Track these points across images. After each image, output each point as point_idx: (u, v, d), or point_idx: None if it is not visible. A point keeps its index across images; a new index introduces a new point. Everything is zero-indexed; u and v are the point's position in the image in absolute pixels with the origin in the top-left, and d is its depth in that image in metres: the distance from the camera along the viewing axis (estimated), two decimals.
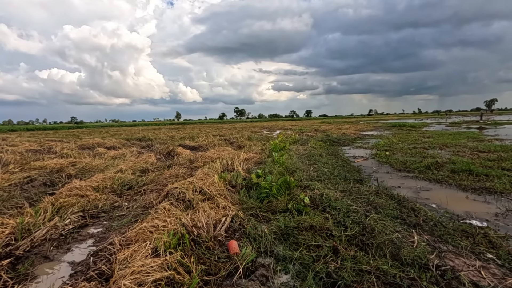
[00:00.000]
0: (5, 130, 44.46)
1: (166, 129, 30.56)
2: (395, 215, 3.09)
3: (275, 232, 2.71)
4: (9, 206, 3.75)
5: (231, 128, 26.73)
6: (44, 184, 4.96)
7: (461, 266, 2.07)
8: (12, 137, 19.39)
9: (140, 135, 17.15)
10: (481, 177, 4.72)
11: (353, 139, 13.07)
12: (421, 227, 2.81)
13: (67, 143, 12.33)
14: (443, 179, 4.76)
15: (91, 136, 17.45)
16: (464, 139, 10.67)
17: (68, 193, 4.04)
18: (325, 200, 3.43)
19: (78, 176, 5.55)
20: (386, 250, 2.27)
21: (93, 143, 11.59)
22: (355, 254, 2.24)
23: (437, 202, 3.70)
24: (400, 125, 23.44)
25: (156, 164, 6.99)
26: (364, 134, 16.17)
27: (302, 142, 11.22)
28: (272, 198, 3.64)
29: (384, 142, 10.43)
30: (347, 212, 3.06)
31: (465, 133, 13.78)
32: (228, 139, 12.76)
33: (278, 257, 2.32)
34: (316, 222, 2.78)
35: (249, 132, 18.57)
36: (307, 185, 4.14)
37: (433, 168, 5.53)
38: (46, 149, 10.19)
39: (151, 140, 13.46)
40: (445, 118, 48.35)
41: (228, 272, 2.12)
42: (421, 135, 13.48)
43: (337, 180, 4.73)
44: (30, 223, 2.93)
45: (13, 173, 5.45)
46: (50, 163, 6.35)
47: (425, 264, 2.08)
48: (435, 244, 2.43)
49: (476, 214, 3.23)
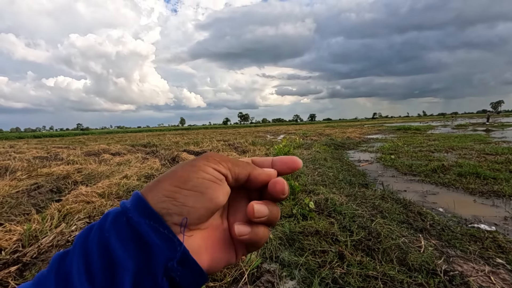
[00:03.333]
0: (13, 137, 45.19)
1: (170, 134, 30.76)
2: (402, 219, 3.06)
3: (280, 238, 2.70)
4: (16, 212, 3.79)
5: (235, 133, 26.79)
6: (51, 191, 5.02)
7: (469, 272, 2.04)
8: (19, 144, 19.69)
9: (145, 141, 17.28)
10: (488, 180, 4.65)
11: (357, 142, 13.01)
12: (428, 231, 2.77)
13: (73, 149, 12.48)
14: (450, 183, 4.71)
15: (97, 143, 17.64)
16: (471, 141, 10.55)
17: (75, 200, 4.08)
18: (330, 204, 3.41)
19: (84, 182, 5.60)
20: (392, 255, 2.24)
21: (98, 150, 11.71)
22: (361, 259, 2.22)
23: (444, 206, 3.66)
24: (405, 128, 23.28)
25: (161, 170, 7.03)
26: (369, 137, 16.08)
27: (306, 146, 11.20)
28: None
29: (389, 146, 10.36)
30: (352, 216, 3.04)
31: (471, 135, 13.61)
32: (232, 144, 12.79)
33: (283, 263, 2.31)
34: (321, 227, 2.77)
35: (253, 137, 18.60)
36: (312, 190, 4.12)
37: (439, 172, 5.47)
38: (52, 156, 10.33)
39: (156, 146, 13.55)
40: (451, 120, 47.89)
41: (234, 278, 2.12)
42: (426, 138, 13.36)
43: (342, 184, 4.71)
44: (37, 230, 2.96)
45: (21, 180, 5.53)
46: (56, 170, 6.42)
47: (432, 269, 2.05)
48: (442, 249, 2.40)
49: (484, 218, 3.18)
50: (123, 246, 0.23)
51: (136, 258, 0.23)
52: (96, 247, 0.23)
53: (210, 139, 16.41)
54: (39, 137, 46.17)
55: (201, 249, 0.27)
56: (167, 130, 64.94)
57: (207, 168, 0.28)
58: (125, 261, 0.22)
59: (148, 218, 0.24)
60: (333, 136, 16.77)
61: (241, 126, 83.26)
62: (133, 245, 0.23)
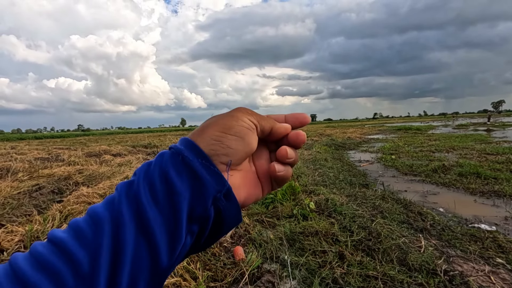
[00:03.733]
0: (14, 138, 45.31)
1: (171, 135, 30.79)
2: (402, 219, 3.06)
3: (281, 238, 2.71)
4: (18, 213, 3.81)
5: None
6: (52, 192, 5.04)
7: (469, 271, 2.04)
8: (21, 145, 19.73)
9: (145, 142, 17.30)
10: (489, 180, 4.65)
11: (358, 143, 13.01)
12: (428, 231, 2.77)
13: (74, 150, 12.51)
14: (451, 183, 4.71)
15: (98, 144, 17.67)
16: (472, 141, 10.54)
17: (76, 201, 4.09)
18: (330, 205, 3.41)
19: (85, 183, 5.62)
20: (393, 255, 2.25)
21: (99, 151, 11.73)
22: (362, 259, 2.22)
23: (444, 206, 3.66)
24: (406, 128, 23.25)
25: None
26: (369, 138, 16.08)
27: (307, 147, 11.21)
28: (277, 203, 3.64)
29: (390, 146, 10.35)
30: (353, 217, 3.04)
31: (472, 135, 13.60)
32: None
33: (283, 263, 2.32)
34: (321, 227, 2.77)
35: None
36: (312, 190, 4.13)
37: (440, 172, 5.46)
38: (54, 157, 10.35)
39: (156, 147, 13.57)
40: (452, 120, 47.79)
41: (234, 279, 2.12)
42: (427, 138, 13.35)
43: (343, 184, 4.71)
44: (39, 231, 2.97)
45: (22, 181, 5.55)
46: (58, 171, 6.44)
47: (433, 269, 2.06)
48: (443, 249, 2.40)
49: (484, 218, 3.18)
50: (181, 178, 0.28)
51: (192, 188, 0.28)
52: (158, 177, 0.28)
53: None
54: (40, 138, 46.29)
55: (239, 186, 0.33)
56: (168, 131, 65.03)
57: (244, 117, 0.33)
58: (182, 190, 0.28)
59: (200, 157, 0.29)
60: (333, 136, 16.76)
61: None
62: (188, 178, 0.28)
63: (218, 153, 0.30)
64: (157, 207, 0.27)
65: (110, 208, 0.27)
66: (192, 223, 0.28)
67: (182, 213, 0.27)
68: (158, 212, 0.27)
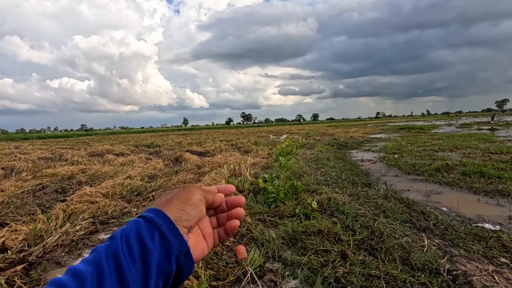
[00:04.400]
0: (18, 138, 45.64)
1: (173, 135, 30.88)
2: (405, 219, 3.05)
3: (283, 237, 2.71)
4: (22, 213, 3.84)
5: (238, 133, 26.82)
6: (56, 191, 5.07)
7: (473, 271, 2.03)
8: (24, 145, 19.88)
9: (148, 142, 17.36)
10: (493, 179, 4.61)
11: (360, 142, 12.96)
12: (431, 231, 2.76)
13: (78, 150, 12.58)
14: (454, 182, 4.67)
15: (101, 143, 17.75)
16: (475, 140, 10.46)
17: (79, 200, 4.12)
18: (333, 204, 3.41)
19: (88, 182, 5.65)
20: (395, 254, 2.24)
21: (102, 150, 11.78)
22: (364, 258, 2.22)
23: (447, 205, 3.64)
24: (409, 128, 23.11)
25: (164, 170, 7.07)
26: (372, 137, 16.01)
27: (309, 146, 11.19)
28: (280, 202, 3.64)
29: (393, 145, 10.30)
30: (355, 216, 3.03)
31: (476, 134, 13.49)
32: (235, 144, 12.81)
33: (286, 262, 2.32)
34: (324, 226, 2.77)
35: (255, 137, 18.60)
36: (314, 190, 4.12)
37: (443, 171, 5.43)
38: (57, 157, 10.43)
39: (159, 146, 13.61)
40: (455, 119, 47.48)
41: (236, 278, 2.13)
42: (430, 137, 13.27)
43: (345, 184, 4.70)
44: (43, 230, 3.00)
45: (26, 181, 5.59)
46: (61, 170, 6.49)
47: (436, 268, 2.05)
48: (446, 248, 2.39)
49: (488, 218, 3.16)
50: (152, 240, 0.36)
51: (160, 248, 0.36)
52: (135, 239, 0.36)
53: (213, 139, 16.45)
54: (44, 138, 46.59)
55: (194, 246, 0.42)
56: (170, 131, 65.22)
57: (197, 192, 0.44)
58: (154, 249, 0.35)
59: (167, 223, 0.38)
60: (336, 135, 16.72)
61: (244, 126, 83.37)
62: (159, 240, 0.36)
63: (182, 219, 0.39)
64: (133, 263, 0.34)
65: (92, 264, 0.33)
66: (159, 277, 0.35)
67: (152, 268, 0.34)
68: (134, 267, 0.33)
